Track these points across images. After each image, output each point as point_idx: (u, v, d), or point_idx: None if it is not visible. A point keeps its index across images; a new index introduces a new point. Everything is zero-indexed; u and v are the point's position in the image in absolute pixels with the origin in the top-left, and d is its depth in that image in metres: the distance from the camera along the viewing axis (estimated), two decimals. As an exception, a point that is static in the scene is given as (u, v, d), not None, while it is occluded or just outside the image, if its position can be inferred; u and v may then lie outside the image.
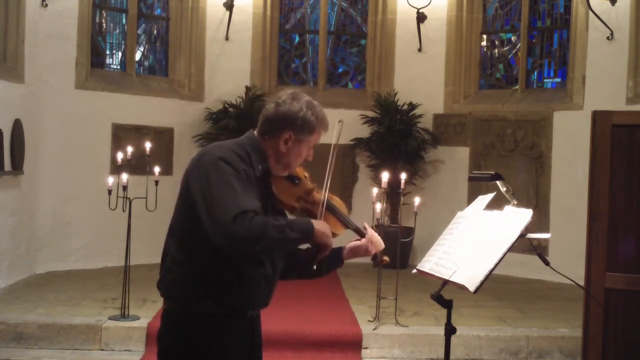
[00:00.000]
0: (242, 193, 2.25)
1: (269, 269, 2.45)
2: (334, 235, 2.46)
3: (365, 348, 5.39)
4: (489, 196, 2.87)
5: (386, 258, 2.62)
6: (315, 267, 2.44)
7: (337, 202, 2.56)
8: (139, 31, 8.67)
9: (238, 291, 2.37)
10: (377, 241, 2.57)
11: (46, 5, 7.42)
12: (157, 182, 5.96)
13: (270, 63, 9.20)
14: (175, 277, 2.39)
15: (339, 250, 2.60)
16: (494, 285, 4.79)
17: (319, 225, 2.36)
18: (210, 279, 2.34)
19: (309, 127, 2.44)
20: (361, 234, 2.57)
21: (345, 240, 2.64)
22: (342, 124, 2.47)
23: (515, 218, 2.66)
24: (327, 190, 2.46)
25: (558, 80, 8.60)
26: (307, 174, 2.56)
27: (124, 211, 5.68)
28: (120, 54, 8.58)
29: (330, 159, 2.49)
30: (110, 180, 5.76)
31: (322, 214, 2.42)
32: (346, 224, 2.53)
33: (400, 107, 8.71)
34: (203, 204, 2.26)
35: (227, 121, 8.28)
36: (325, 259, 2.45)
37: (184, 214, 2.37)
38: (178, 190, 2.42)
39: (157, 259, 2.51)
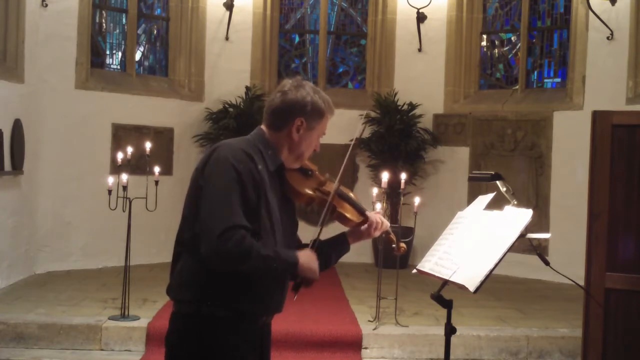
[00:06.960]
0: (238, 204, 2.21)
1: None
2: (352, 223, 2.49)
3: (365, 348, 5.39)
4: (489, 196, 2.87)
5: (403, 245, 2.64)
6: (295, 295, 2.40)
7: (349, 192, 2.58)
8: (139, 31, 8.66)
9: (252, 295, 2.33)
10: (380, 223, 2.53)
11: (46, 5, 7.42)
12: (157, 182, 5.96)
13: (270, 63, 9.20)
14: (187, 280, 2.34)
15: (344, 235, 2.58)
16: (494, 285, 4.79)
17: (305, 258, 2.34)
18: (224, 282, 2.28)
19: (319, 112, 2.42)
20: (365, 215, 2.54)
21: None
22: (365, 119, 2.47)
23: (515, 218, 2.66)
24: (340, 180, 2.46)
25: (558, 80, 8.60)
26: (314, 167, 2.56)
27: (124, 211, 5.68)
28: (120, 54, 8.58)
29: (349, 149, 2.55)
30: (110, 180, 5.75)
31: (333, 198, 2.42)
32: (360, 212, 2.53)
33: (400, 107, 8.71)
34: (202, 208, 2.24)
35: (227, 121, 8.28)
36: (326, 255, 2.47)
37: (195, 215, 2.30)
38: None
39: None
